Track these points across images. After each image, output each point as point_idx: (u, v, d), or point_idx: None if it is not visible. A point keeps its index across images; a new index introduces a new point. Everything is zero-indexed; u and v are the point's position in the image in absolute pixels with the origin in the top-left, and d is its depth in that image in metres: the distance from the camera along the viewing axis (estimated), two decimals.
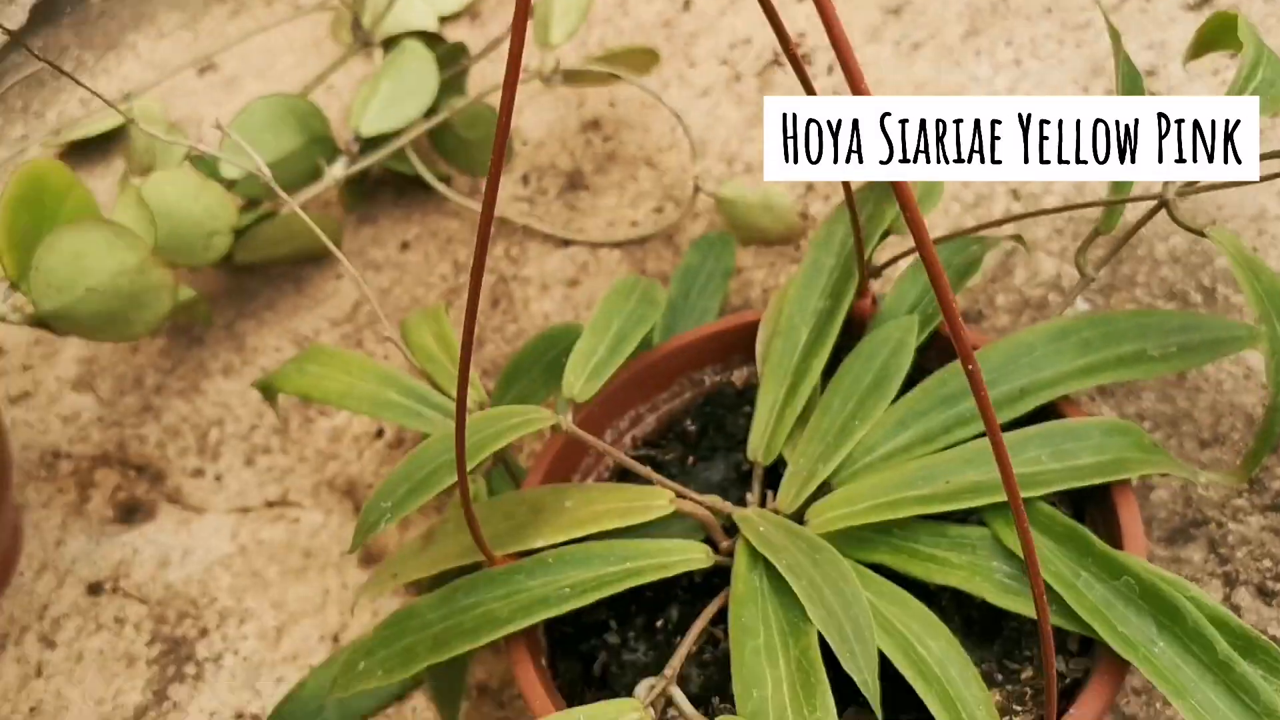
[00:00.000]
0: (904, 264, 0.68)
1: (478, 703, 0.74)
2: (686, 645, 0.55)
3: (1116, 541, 0.55)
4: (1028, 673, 0.56)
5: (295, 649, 0.79)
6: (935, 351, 0.65)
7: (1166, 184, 0.60)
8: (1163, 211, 0.61)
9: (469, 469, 0.53)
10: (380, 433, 0.90)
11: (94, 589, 0.86)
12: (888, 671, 0.55)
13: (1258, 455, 0.58)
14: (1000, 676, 0.56)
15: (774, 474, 0.63)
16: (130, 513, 0.90)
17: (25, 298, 0.74)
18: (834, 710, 0.49)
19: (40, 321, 0.75)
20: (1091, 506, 0.59)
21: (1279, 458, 0.72)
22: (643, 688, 0.52)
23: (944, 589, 0.59)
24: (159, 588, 0.85)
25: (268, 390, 0.74)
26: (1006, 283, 0.84)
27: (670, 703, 0.53)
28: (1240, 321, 0.61)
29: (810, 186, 0.93)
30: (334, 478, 0.88)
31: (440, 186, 0.98)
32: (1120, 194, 0.59)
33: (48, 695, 0.81)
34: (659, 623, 0.62)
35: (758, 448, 0.62)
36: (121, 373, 1.00)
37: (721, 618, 0.60)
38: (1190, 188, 0.60)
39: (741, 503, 0.61)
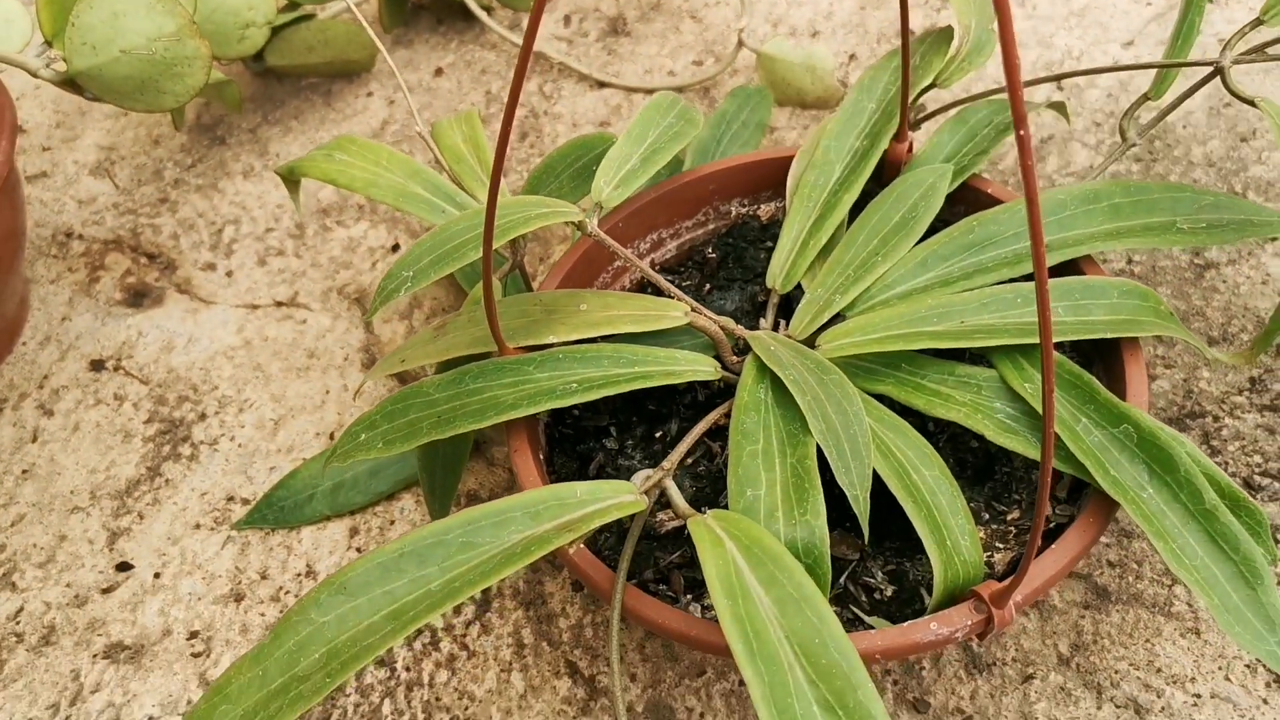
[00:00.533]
0: (941, 119, 0.68)
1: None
2: (685, 444, 0.55)
3: (1120, 395, 0.56)
4: (1013, 514, 0.57)
5: (291, 442, 0.80)
6: (964, 206, 0.65)
7: (1224, 50, 0.59)
8: (1209, 102, 0.61)
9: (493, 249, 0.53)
10: (396, 247, 0.90)
11: (96, 365, 0.87)
12: (875, 502, 0.56)
13: (1269, 337, 0.59)
14: (987, 516, 0.57)
15: (788, 306, 0.64)
16: (139, 297, 0.90)
17: (59, 55, 0.74)
18: (824, 514, 0.50)
19: (71, 82, 0.75)
20: (1100, 362, 0.59)
21: None
22: (639, 477, 0.53)
23: (942, 431, 0.60)
24: (161, 370, 0.85)
25: (291, 175, 0.73)
26: (1039, 169, 0.84)
27: (663, 495, 0.53)
28: (1273, 209, 0.61)
29: (852, 56, 0.92)
30: (345, 285, 0.88)
31: (482, 15, 0.97)
32: (1177, 56, 0.59)
33: (41, 460, 0.82)
34: (658, 434, 0.62)
35: (777, 275, 0.63)
36: (141, 163, 0.99)
37: (720, 434, 0.61)
38: (1245, 56, 0.60)
39: (754, 328, 0.62)
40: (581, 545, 0.54)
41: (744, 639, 0.43)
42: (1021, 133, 0.32)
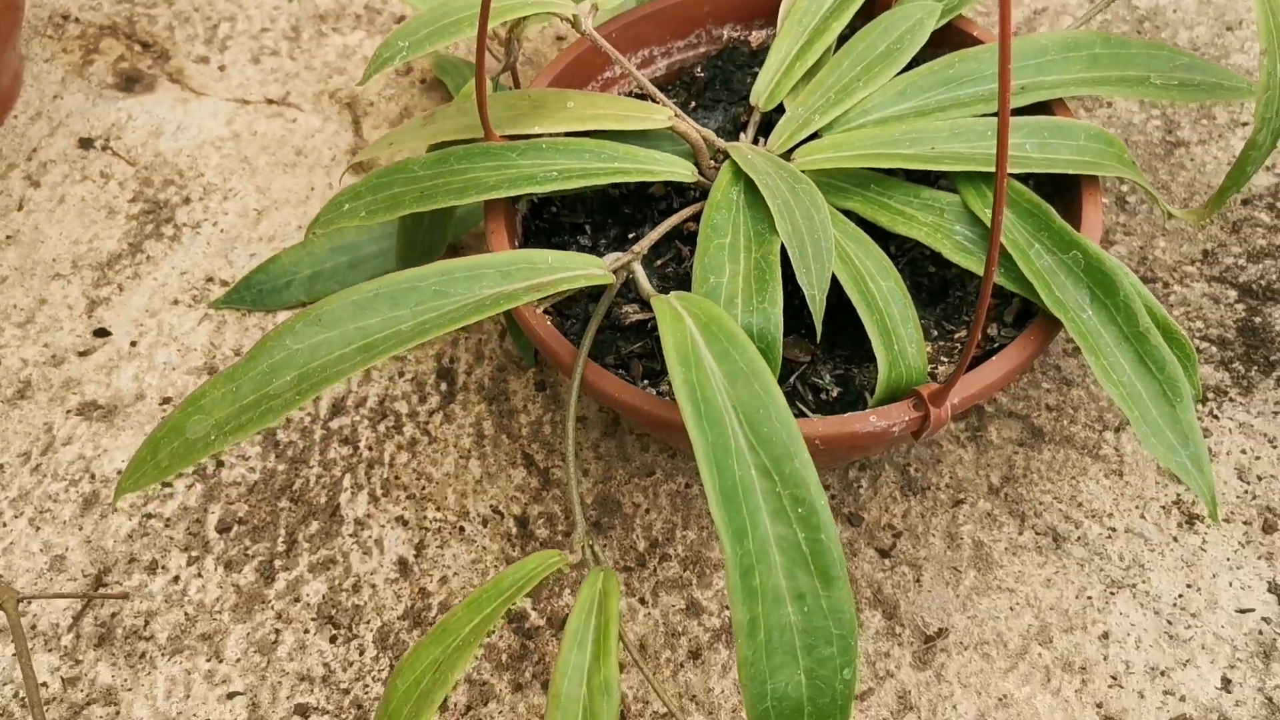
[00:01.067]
0: None
1: None
2: (657, 233, 0.58)
3: (1075, 227, 0.58)
4: (962, 333, 0.59)
5: (273, 232, 0.82)
6: (947, 46, 0.66)
7: None
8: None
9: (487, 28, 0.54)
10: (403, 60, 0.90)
11: (85, 143, 0.88)
12: (830, 315, 0.59)
13: (1225, 193, 0.61)
14: (936, 333, 0.60)
15: (769, 127, 0.65)
16: (131, 82, 0.91)
17: None
18: (781, 304, 0.53)
19: None
20: (1061, 199, 0.62)
21: (1238, 237, 0.75)
22: (609, 258, 0.55)
23: (903, 254, 0.63)
24: (149, 154, 0.87)
25: None
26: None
27: (631, 276, 0.56)
28: (1242, 77, 0.63)
29: None
30: (337, 90, 0.89)
31: None
32: None
33: (25, 228, 0.83)
34: (631, 236, 0.65)
35: (761, 93, 0.64)
36: None
37: (690, 240, 0.63)
38: None
39: (734, 141, 0.64)
40: (543, 313, 0.56)
41: (693, 402, 0.46)
42: None
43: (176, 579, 0.67)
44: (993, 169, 0.58)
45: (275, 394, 0.46)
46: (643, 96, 0.63)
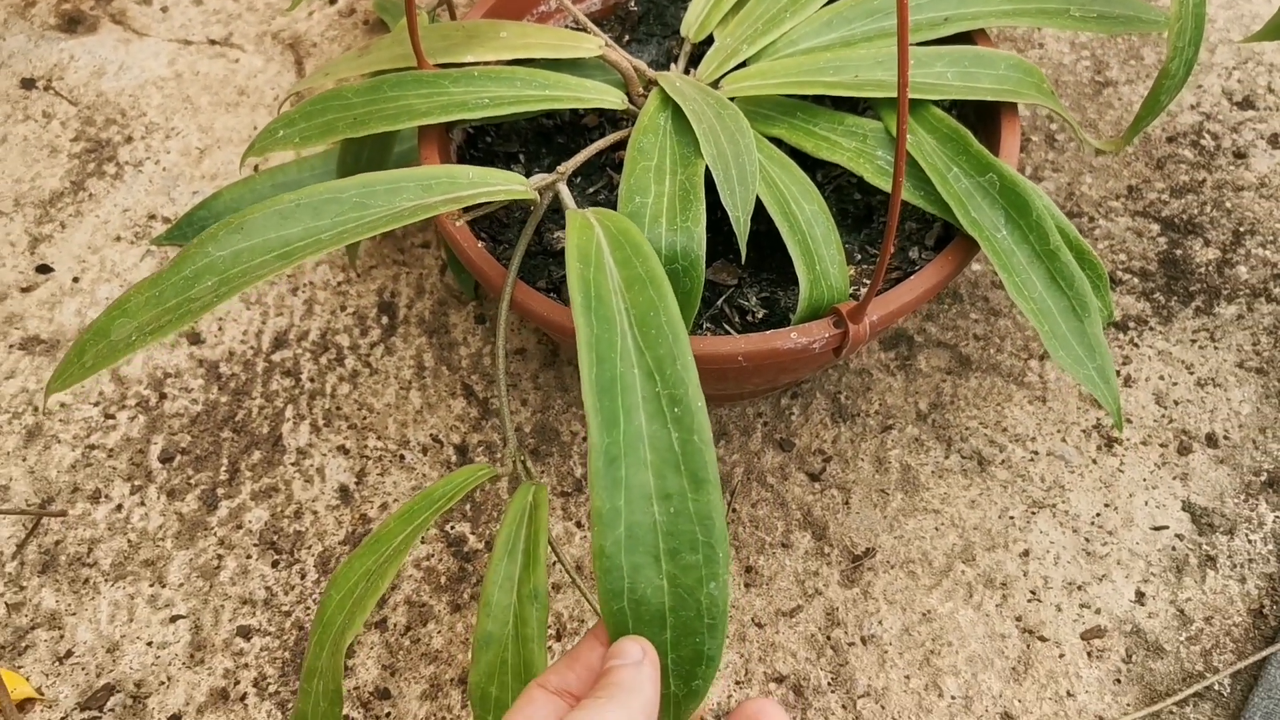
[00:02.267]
0: None
1: (379, 243, 0.78)
2: (584, 155, 0.59)
3: (994, 152, 0.60)
4: (886, 258, 0.61)
5: (215, 170, 0.82)
6: None
7: None
8: None
9: None
10: (333, 0, 0.91)
11: (27, 84, 0.87)
12: (756, 241, 0.60)
13: (1140, 122, 0.63)
14: (859, 256, 0.61)
15: (699, 59, 0.66)
16: (73, 24, 0.91)
17: None
18: (704, 223, 0.54)
19: None
20: (981, 126, 0.63)
21: (1162, 174, 0.77)
22: (535, 178, 0.56)
23: (829, 182, 0.64)
24: (90, 94, 0.87)
25: None
26: None
27: (557, 198, 0.57)
28: (1159, 10, 0.65)
29: None
30: (280, 31, 0.90)
31: None
32: None
33: None
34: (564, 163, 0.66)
35: (691, 24, 0.65)
36: None
37: (621, 169, 0.64)
38: None
39: (665, 71, 0.65)
40: (473, 234, 0.57)
41: (584, 295, 0.47)
42: None
43: (119, 507, 0.68)
44: (915, 95, 0.59)
45: (196, 297, 0.47)
46: (578, 29, 0.63)
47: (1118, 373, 0.70)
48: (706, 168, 0.56)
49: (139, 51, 0.89)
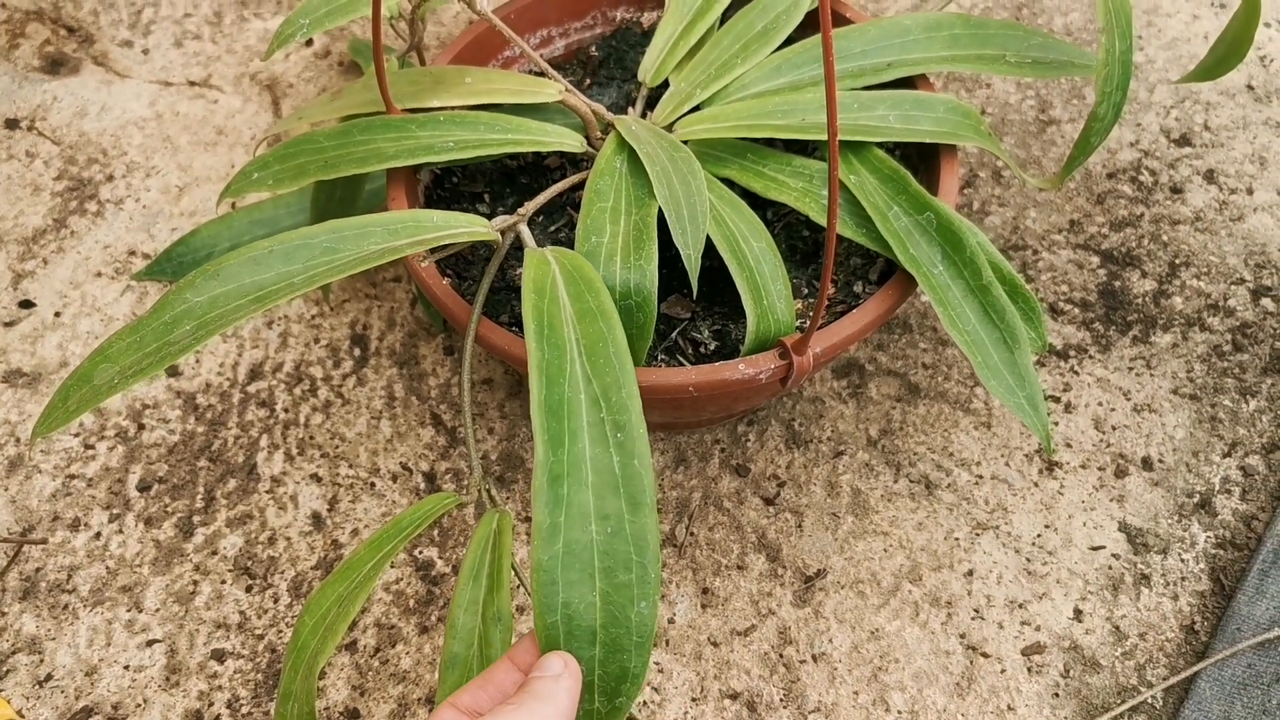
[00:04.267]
0: None
1: (352, 278, 0.81)
2: (545, 197, 0.62)
3: (934, 192, 0.63)
4: (830, 292, 0.64)
5: (194, 207, 0.85)
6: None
7: None
8: None
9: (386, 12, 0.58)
10: (310, 42, 0.94)
11: (10, 124, 0.90)
12: (709, 278, 0.63)
13: (1073, 162, 0.66)
14: (806, 290, 0.64)
15: (656, 101, 0.70)
16: (56, 65, 0.94)
17: None
18: (656, 262, 0.57)
19: None
20: (923, 166, 0.67)
21: (1102, 208, 0.81)
22: (497, 219, 0.59)
23: (779, 220, 0.68)
24: (73, 133, 0.89)
25: None
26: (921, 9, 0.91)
27: (517, 239, 0.60)
28: (1091, 53, 0.68)
29: None
30: (258, 73, 0.93)
31: None
32: None
33: None
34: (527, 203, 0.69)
35: (648, 69, 0.68)
36: None
37: (580, 206, 0.67)
38: None
39: (623, 114, 0.68)
40: (439, 274, 0.60)
41: (538, 323, 0.50)
42: None
43: (98, 535, 0.70)
44: (856, 137, 0.62)
45: (175, 340, 0.50)
46: (540, 74, 0.67)
47: (1059, 399, 0.73)
48: (660, 208, 0.59)
49: (120, 92, 0.91)
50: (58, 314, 0.80)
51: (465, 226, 0.56)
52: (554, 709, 0.40)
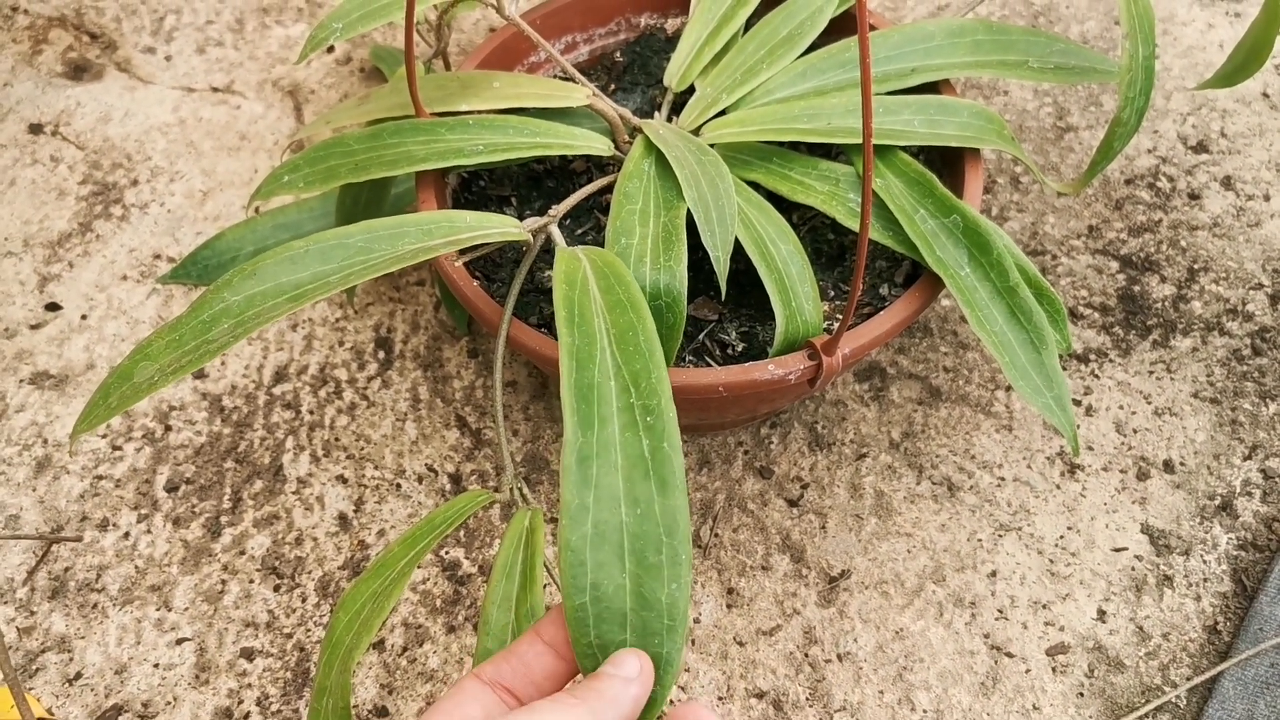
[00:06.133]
0: None
1: (376, 281, 0.81)
2: (574, 199, 0.62)
3: (958, 195, 0.64)
4: (857, 294, 0.65)
5: (218, 211, 0.85)
6: (845, 32, 0.72)
7: None
8: None
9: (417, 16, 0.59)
10: (331, 48, 0.95)
11: (35, 129, 0.91)
12: (737, 280, 0.64)
13: (1095, 167, 0.67)
14: (833, 293, 0.65)
15: (681, 106, 0.70)
16: (79, 71, 0.94)
17: None
18: (685, 262, 0.57)
19: None
20: (947, 170, 0.67)
21: (1120, 214, 0.81)
22: (528, 221, 0.60)
23: (805, 223, 0.68)
24: (97, 139, 0.90)
25: None
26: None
27: (549, 239, 0.60)
28: (1114, 60, 0.69)
29: None
30: (280, 79, 0.93)
31: None
32: None
33: None
34: (554, 207, 0.69)
35: (674, 74, 0.69)
36: None
37: (610, 211, 0.68)
38: None
39: (649, 119, 0.69)
40: (472, 276, 0.61)
41: (569, 311, 0.50)
42: None
43: (127, 535, 0.71)
44: (882, 141, 0.63)
45: (213, 339, 0.50)
46: (566, 79, 0.67)
47: (1080, 403, 0.73)
48: (688, 210, 0.60)
49: (144, 98, 0.92)
50: (84, 317, 0.80)
51: (498, 227, 0.57)
52: (616, 714, 0.38)
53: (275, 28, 0.97)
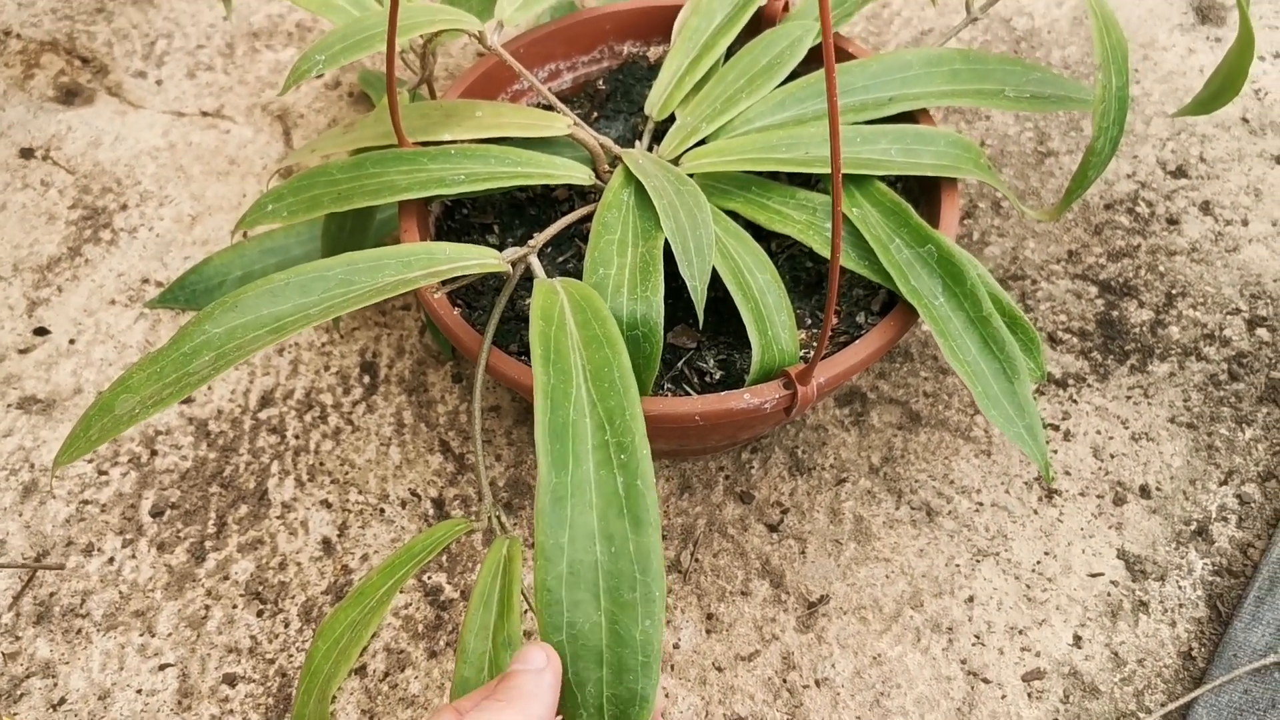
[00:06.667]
0: None
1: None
2: (553, 229, 0.63)
3: (934, 224, 0.64)
4: (833, 323, 0.65)
5: (206, 236, 0.86)
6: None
7: None
8: (1074, 12, 0.69)
9: (398, 47, 0.59)
10: (320, 74, 0.95)
11: (26, 153, 0.92)
12: (715, 308, 0.64)
13: (1071, 195, 0.68)
14: (810, 321, 0.65)
15: (662, 134, 0.71)
16: (70, 96, 0.95)
17: None
18: (662, 293, 0.58)
19: None
20: (924, 199, 0.68)
21: (1100, 239, 0.82)
22: (507, 251, 0.61)
23: (783, 251, 0.69)
24: (87, 163, 0.91)
25: None
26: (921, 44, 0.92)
27: (528, 269, 0.61)
28: (1088, 87, 0.70)
29: None
30: (269, 104, 0.94)
31: None
32: None
33: None
34: (536, 235, 0.70)
35: (655, 103, 0.70)
36: None
37: (587, 237, 0.69)
38: None
39: (630, 148, 0.69)
40: (450, 303, 0.61)
41: (544, 348, 0.51)
42: None
43: (111, 560, 0.71)
44: (859, 171, 0.64)
45: (194, 371, 0.51)
46: (549, 107, 0.68)
47: (1058, 428, 0.74)
48: (666, 240, 0.60)
49: (134, 122, 0.93)
50: (72, 341, 0.81)
51: (477, 259, 0.58)
52: (539, 707, 0.40)
53: (265, 52, 0.97)
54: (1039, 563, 0.69)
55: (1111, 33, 0.65)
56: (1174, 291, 0.79)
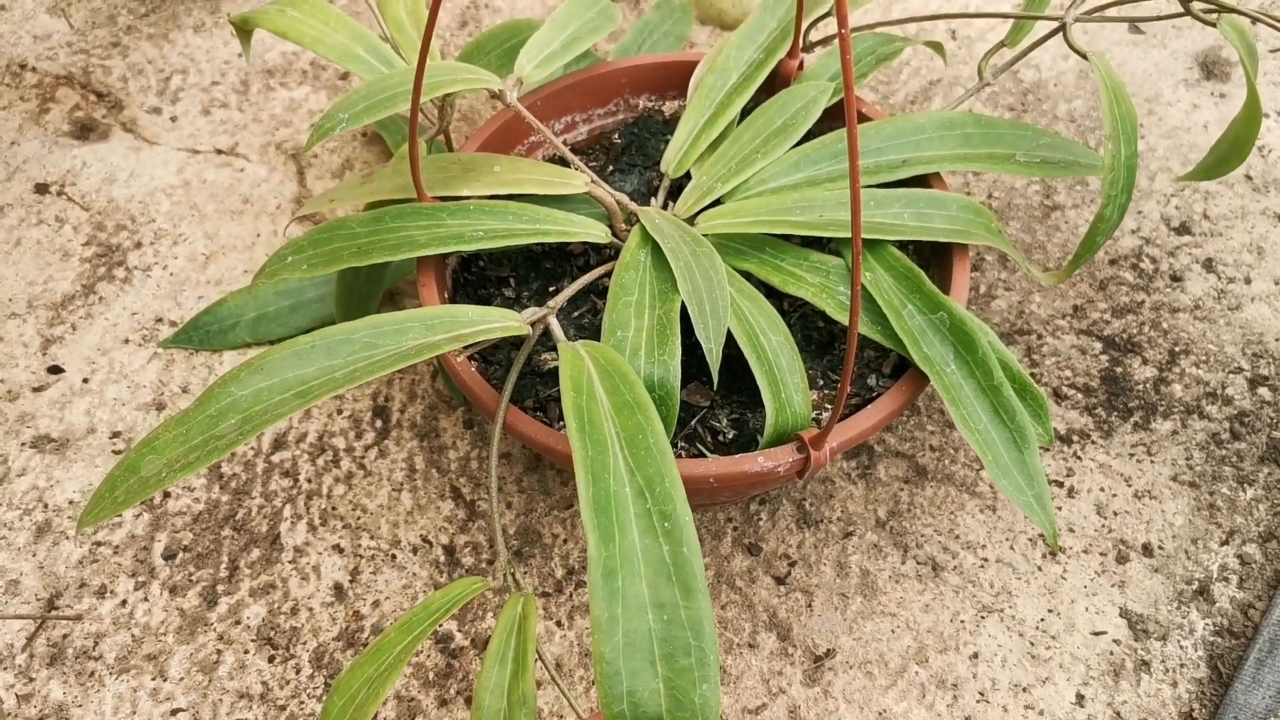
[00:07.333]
0: (835, 43, 0.76)
1: None
2: (572, 290, 0.64)
3: (946, 290, 0.65)
4: (844, 394, 0.66)
5: (220, 275, 0.87)
6: (839, 122, 0.74)
7: (1069, 9, 0.69)
8: (1080, 65, 0.70)
9: (421, 104, 0.60)
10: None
11: (41, 189, 0.92)
12: (728, 367, 0.65)
13: (1079, 259, 0.69)
14: (822, 382, 0.66)
15: (678, 191, 0.72)
16: (85, 131, 0.96)
17: None
18: (679, 356, 0.59)
19: None
20: (935, 263, 0.69)
21: (1104, 294, 0.83)
22: (527, 312, 0.61)
23: (795, 310, 0.70)
24: (102, 200, 0.91)
25: (245, 25, 0.79)
26: (926, 106, 0.93)
27: (547, 330, 0.62)
28: (1097, 154, 0.71)
29: None
30: (283, 142, 0.95)
31: None
32: (1032, 9, 0.68)
33: None
34: (551, 289, 0.71)
35: (670, 161, 0.71)
36: (96, 7, 1.04)
37: (606, 295, 0.69)
38: (1085, 16, 0.69)
39: (646, 206, 0.70)
40: (467, 359, 0.62)
41: (579, 420, 0.52)
42: (842, 31, 0.41)
43: (124, 603, 0.72)
44: (872, 235, 0.65)
45: (221, 435, 0.52)
46: (564, 161, 0.69)
47: (1062, 484, 0.75)
48: (683, 302, 0.61)
49: (149, 159, 0.94)
50: (85, 380, 0.81)
51: (499, 321, 0.58)
52: None
53: (279, 90, 0.98)
54: (1043, 620, 0.70)
55: (1121, 103, 0.66)
56: (1177, 349, 0.81)
